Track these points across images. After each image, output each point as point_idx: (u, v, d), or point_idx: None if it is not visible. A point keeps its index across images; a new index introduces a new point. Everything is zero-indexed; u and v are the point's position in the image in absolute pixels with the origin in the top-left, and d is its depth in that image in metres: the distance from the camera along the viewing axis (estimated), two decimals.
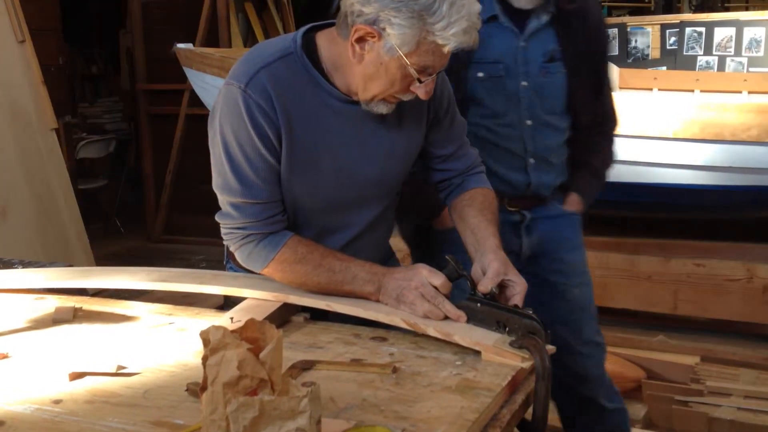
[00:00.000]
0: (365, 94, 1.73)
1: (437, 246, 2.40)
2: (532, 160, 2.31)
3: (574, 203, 2.43)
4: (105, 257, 6.22)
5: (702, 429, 2.99)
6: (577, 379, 2.44)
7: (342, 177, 1.82)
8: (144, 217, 7.38)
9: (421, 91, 1.70)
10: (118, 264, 5.93)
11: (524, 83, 2.26)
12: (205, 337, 1.13)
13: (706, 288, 3.75)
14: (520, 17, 2.25)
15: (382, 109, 1.75)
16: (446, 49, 1.63)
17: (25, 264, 2.39)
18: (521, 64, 2.25)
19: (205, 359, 1.12)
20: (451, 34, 1.59)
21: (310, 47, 1.75)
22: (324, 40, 1.76)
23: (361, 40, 1.66)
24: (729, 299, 3.83)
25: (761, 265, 3.79)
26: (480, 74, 2.24)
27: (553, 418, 2.79)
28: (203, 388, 1.13)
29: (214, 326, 1.12)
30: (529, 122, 2.28)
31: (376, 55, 1.66)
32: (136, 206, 7.77)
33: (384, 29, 1.62)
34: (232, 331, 1.12)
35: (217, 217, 1.82)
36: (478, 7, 1.64)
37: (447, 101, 1.93)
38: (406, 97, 1.73)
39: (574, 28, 2.29)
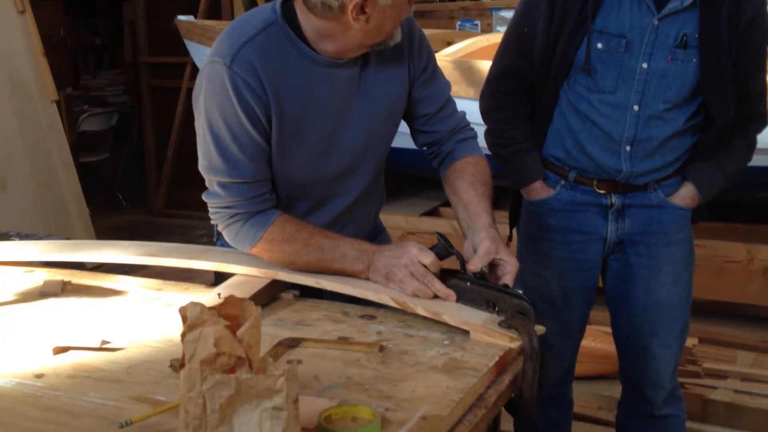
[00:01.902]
0: (380, 38, 1.71)
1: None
2: (628, 147, 2.13)
3: (685, 197, 2.23)
4: (106, 231, 6.22)
5: (697, 411, 2.98)
6: (642, 378, 2.33)
7: (331, 144, 1.80)
8: (146, 191, 7.38)
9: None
10: (119, 238, 5.93)
11: (644, 65, 2.06)
12: (183, 313, 1.11)
13: (706, 269, 3.73)
14: None
15: (397, 36, 1.74)
16: None
17: (23, 237, 2.37)
18: (647, 44, 2.05)
19: (183, 336, 1.11)
20: None
21: (290, 16, 1.71)
22: (300, 10, 1.72)
23: (357, 8, 1.62)
24: (729, 281, 3.82)
25: (762, 246, 3.77)
26: (599, 45, 2.07)
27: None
28: (181, 365, 1.11)
29: (192, 302, 1.10)
30: (636, 107, 2.09)
31: (379, 9, 1.62)
32: (138, 180, 7.77)
33: None
34: (211, 308, 1.11)
35: (204, 197, 1.79)
36: None
37: (426, 58, 1.91)
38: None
39: (724, 15, 2.03)
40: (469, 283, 1.64)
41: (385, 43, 1.73)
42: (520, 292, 1.57)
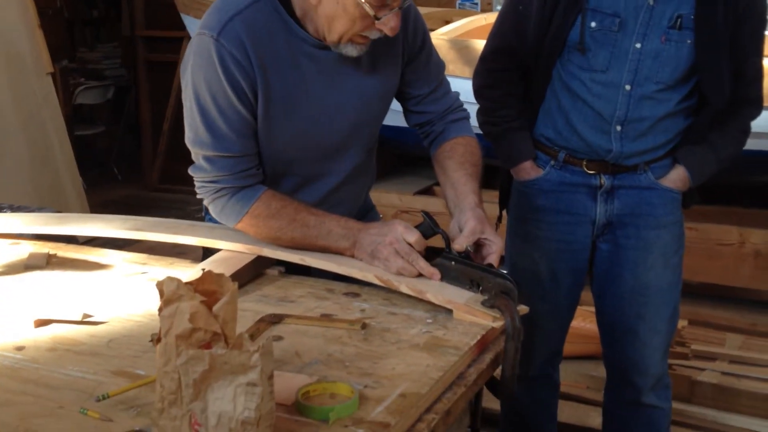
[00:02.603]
0: (331, 35, 1.68)
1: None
2: (618, 127, 2.12)
3: (676, 180, 2.22)
4: (101, 204, 6.21)
5: (685, 392, 2.99)
6: (628, 362, 2.32)
7: (320, 123, 1.79)
8: (141, 165, 7.36)
9: (386, 27, 1.64)
10: (113, 211, 5.91)
11: (638, 45, 2.05)
12: (160, 288, 1.11)
13: (697, 251, 3.72)
14: None
15: (352, 51, 1.70)
16: None
17: (14, 209, 2.37)
18: (642, 24, 2.04)
19: (160, 311, 1.11)
20: None
21: None
22: None
23: None
24: (720, 263, 3.82)
25: (754, 230, 3.77)
26: (593, 24, 2.05)
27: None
28: (158, 339, 1.11)
29: (168, 277, 1.10)
30: (628, 87, 2.08)
31: None
32: (133, 154, 7.75)
33: None
34: (187, 284, 1.11)
35: (190, 170, 1.78)
36: None
37: (421, 39, 1.88)
38: (374, 35, 1.67)
39: None
40: (453, 262, 1.64)
41: (338, 48, 1.70)
42: (504, 272, 1.57)
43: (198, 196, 1.83)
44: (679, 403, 2.91)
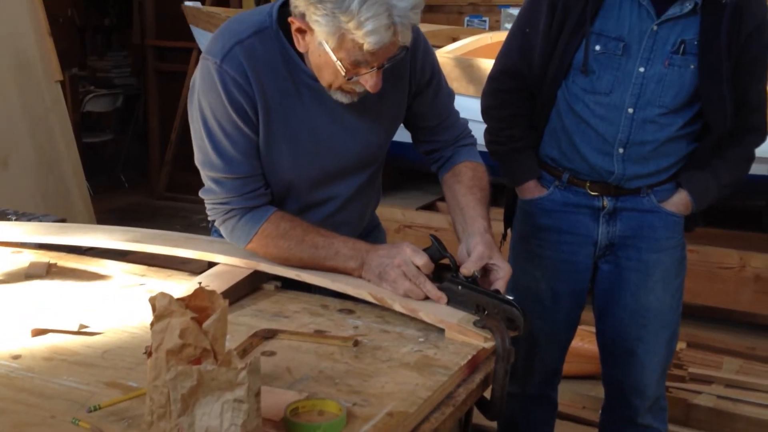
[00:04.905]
0: (321, 82, 1.70)
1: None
2: (621, 150, 2.13)
3: (678, 204, 2.22)
4: (107, 212, 6.24)
5: (680, 415, 3.00)
6: (626, 382, 2.33)
7: (322, 152, 1.80)
8: (148, 174, 7.40)
9: (366, 85, 1.65)
10: (120, 219, 5.96)
11: (641, 69, 2.07)
12: (153, 303, 1.13)
13: (698, 274, 3.72)
14: None
15: (343, 98, 1.71)
16: (368, 48, 1.55)
17: (20, 215, 2.39)
18: (645, 49, 2.06)
19: (152, 325, 1.13)
20: (365, 33, 1.51)
21: (286, 22, 1.68)
22: None
23: (300, 31, 1.63)
24: (720, 287, 3.82)
25: (755, 254, 3.78)
26: (597, 47, 2.08)
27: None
28: (149, 353, 1.13)
29: (161, 293, 1.12)
30: (630, 110, 2.10)
31: (313, 47, 1.62)
32: (141, 162, 7.79)
33: (311, 24, 1.58)
34: (179, 299, 1.13)
35: (200, 193, 1.81)
36: (408, 1, 1.53)
37: (430, 72, 1.89)
38: (359, 88, 1.68)
39: (725, 24, 2.03)
40: (460, 287, 1.64)
41: (330, 92, 1.71)
42: (511, 298, 1.58)
43: (209, 218, 1.85)
44: (675, 426, 2.91)
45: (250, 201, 1.77)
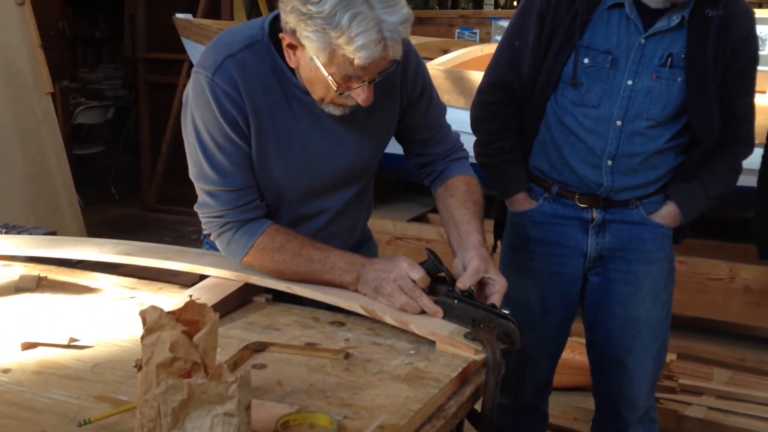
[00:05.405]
0: (313, 95, 1.71)
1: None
2: (609, 162, 2.15)
3: (666, 216, 2.24)
4: (98, 224, 6.23)
5: (671, 426, 3.00)
6: (616, 394, 2.34)
7: (313, 165, 1.80)
8: (139, 186, 7.39)
9: (358, 98, 1.65)
10: (110, 231, 5.93)
11: (629, 82, 2.09)
12: (143, 316, 1.13)
13: (687, 285, 3.74)
14: (649, 12, 2.06)
15: (335, 111, 1.72)
16: (358, 63, 1.56)
17: (10, 228, 2.39)
18: (633, 62, 2.08)
19: (142, 339, 1.13)
20: (356, 48, 1.52)
21: (277, 36, 1.68)
22: None
23: (290, 46, 1.64)
24: (710, 298, 3.83)
25: (744, 265, 3.79)
26: (585, 60, 2.10)
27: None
28: (140, 367, 1.13)
29: (151, 306, 1.12)
30: (619, 123, 2.11)
31: (304, 62, 1.63)
32: (132, 174, 7.78)
33: (301, 40, 1.59)
34: (170, 313, 1.13)
35: (195, 207, 1.81)
36: (398, 16, 1.54)
37: (421, 85, 1.90)
38: (351, 102, 1.68)
39: (711, 38, 2.05)
40: (456, 301, 1.64)
41: (322, 106, 1.72)
42: (507, 312, 1.58)
43: (204, 231, 1.85)
44: None
45: (246, 213, 1.77)
